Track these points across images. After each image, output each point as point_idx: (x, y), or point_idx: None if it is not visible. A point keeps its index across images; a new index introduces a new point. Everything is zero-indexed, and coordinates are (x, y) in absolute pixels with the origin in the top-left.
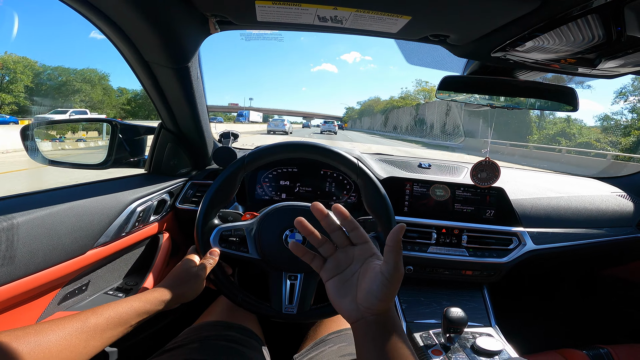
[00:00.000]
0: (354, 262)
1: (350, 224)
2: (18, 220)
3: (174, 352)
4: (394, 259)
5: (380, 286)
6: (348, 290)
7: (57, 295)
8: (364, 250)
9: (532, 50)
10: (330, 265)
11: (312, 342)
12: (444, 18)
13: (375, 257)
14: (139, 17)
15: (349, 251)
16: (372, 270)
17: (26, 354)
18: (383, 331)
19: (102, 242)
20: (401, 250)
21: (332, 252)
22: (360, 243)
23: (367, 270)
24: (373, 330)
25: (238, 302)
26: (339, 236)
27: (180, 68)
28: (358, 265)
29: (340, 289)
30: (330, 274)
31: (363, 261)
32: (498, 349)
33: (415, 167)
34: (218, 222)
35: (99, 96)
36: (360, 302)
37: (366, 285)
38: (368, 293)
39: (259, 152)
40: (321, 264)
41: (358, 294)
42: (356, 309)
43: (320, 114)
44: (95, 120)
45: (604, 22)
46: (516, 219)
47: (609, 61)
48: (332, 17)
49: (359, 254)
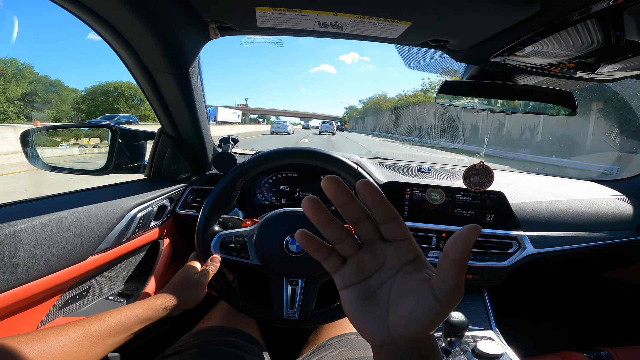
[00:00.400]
0: (386, 266)
1: (386, 211)
2: (20, 227)
3: (173, 357)
4: (455, 277)
5: (431, 313)
6: (374, 305)
7: (58, 301)
8: (401, 251)
9: (531, 55)
10: (351, 269)
11: (313, 347)
12: (444, 24)
13: (419, 263)
14: (139, 22)
15: (378, 250)
16: (417, 288)
17: None
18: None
19: (103, 248)
20: (467, 265)
21: (355, 252)
22: (396, 240)
23: (409, 285)
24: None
25: (240, 308)
26: (366, 228)
27: (181, 74)
28: (392, 271)
29: (363, 303)
30: (350, 281)
31: (399, 267)
32: (499, 352)
33: (415, 171)
34: (218, 228)
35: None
36: (393, 325)
37: (407, 309)
38: (410, 319)
39: (258, 159)
40: (338, 264)
41: (392, 316)
42: (386, 332)
43: (319, 114)
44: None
45: (603, 27)
46: (516, 223)
47: (608, 65)
48: (333, 23)
49: (394, 256)
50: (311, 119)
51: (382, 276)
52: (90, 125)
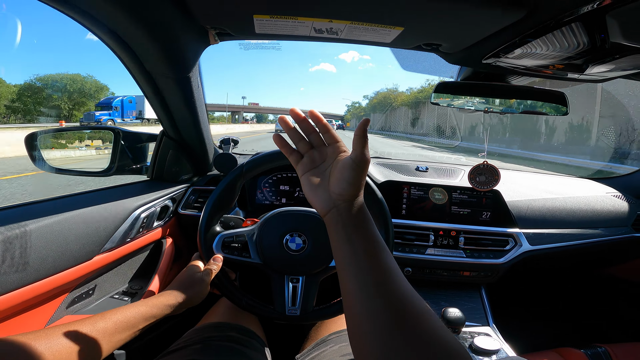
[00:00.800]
0: (327, 158)
1: (324, 127)
2: (30, 227)
3: (176, 353)
4: (361, 145)
5: (350, 171)
6: (321, 182)
7: (65, 299)
8: (335, 149)
9: (522, 57)
10: (306, 160)
11: (314, 343)
12: (435, 28)
13: (345, 153)
14: (141, 30)
15: (323, 150)
16: (342, 161)
17: (38, 357)
18: (354, 216)
19: (108, 248)
20: (367, 138)
21: (308, 150)
22: (332, 143)
23: (338, 162)
24: (344, 217)
25: (243, 306)
26: (314, 137)
27: (181, 78)
28: (330, 161)
29: (314, 182)
30: (306, 168)
31: (335, 157)
32: (496, 348)
33: (413, 170)
34: (220, 228)
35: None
36: (332, 189)
37: (337, 172)
38: (339, 179)
39: (256, 161)
40: (298, 158)
41: (330, 182)
42: (328, 197)
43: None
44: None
45: (587, 30)
46: (512, 220)
47: (596, 66)
48: (328, 29)
49: (332, 152)
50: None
51: (325, 164)
52: (94, 128)
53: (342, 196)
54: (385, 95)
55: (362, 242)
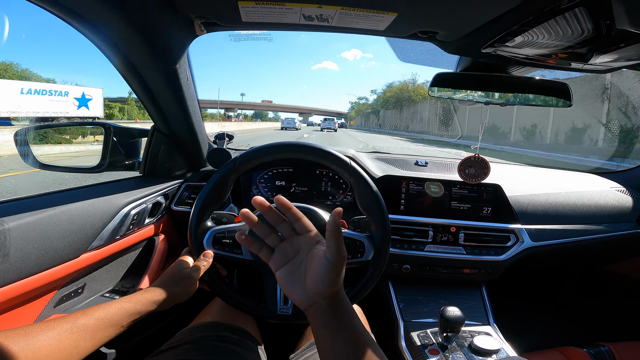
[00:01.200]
0: (301, 251)
1: (294, 215)
2: (9, 225)
3: (168, 353)
4: (335, 243)
5: (325, 271)
6: (297, 278)
7: (52, 298)
8: (309, 239)
9: (522, 46)
10: (278, 255)
11: (308, 343)
12: (431, 14)
13: (320, 244)
14: (122, 21)
15: (295, 241)
16: (317, 257)
17: (15, 355)
18: (335, 314)
19: (96, 246)
20: (341, 233)
21: (279, 243)
22: (304, 232)
23: (313, 257)
24: (325, 315)
25: (233, 304)
26: (284, 228)
27: (169, 71)
28: (305, 253)
29: (290, 278)
30: (279, 263)
31: (309, 249)
32: (496, 348)
33: (412, 164)
34: (211, 224)
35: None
36: (309, 288)
37: (313, 272)
38: (315, 279)
39: (250, 154)
40: (269, 254)
41: (307, 280)
42: (307, 295)
43: (320, 109)
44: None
45: (592, 16)
46: (513, 216)
47: (601, 55)
48: (318, 16)
49: (305, 243)
50: (311, 114)
51: (299, 257)
52: (83, 123)
53: (320, 295)
54: (402, 88)
55: (344, 338)
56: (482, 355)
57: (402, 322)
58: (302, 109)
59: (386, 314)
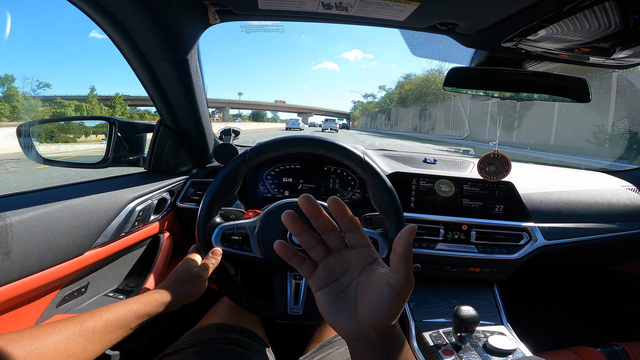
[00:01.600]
0: (351, 269)
1: (350, 223)
2: (11, 220)
3: (174, 356)
4: (404, 269)
5: (389, 301)
6: (344, 303)
7: (55, 297)
8: (363, 255)
9: (544, 40)
10: (322, 272)
11: (318, 344)
12: (454, 4)
13: (377, 264)
14: (134, 6)
15: (344, 256)
16: (376, 282)
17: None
18: (388, 350)
19: (101, 243)
20: (412, 257)
21: (324, 257)
22: (358, 246)
23: (370, 281)
24: (376, 350)
25: (242, 304)
26: (334, 238)
27: (179, 61)
28: (356, 273)
29: (335, 302)
30: (322, 283)
31: (362, 269)
32: (512, 347)
33: (421, 162)
34: (220, 220)
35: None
36: (362, 318)
37: (370, 300)
38: (373, 309)
39: (261, 147)
40: (311, 269)
41: (359, 309)
42: (356, 325)
43: (321, 109)
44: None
45: (621, 9)
46: (526, 213)
47: (624, 50)
48: (337, 4)
49: (357, 260)
50: (311, 114)
51: (348, 277)
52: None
53: (374, 327)
54: (426, 79)
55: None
56: (498, 355)
57: (413, 322)
58: (301, 109)
59: None
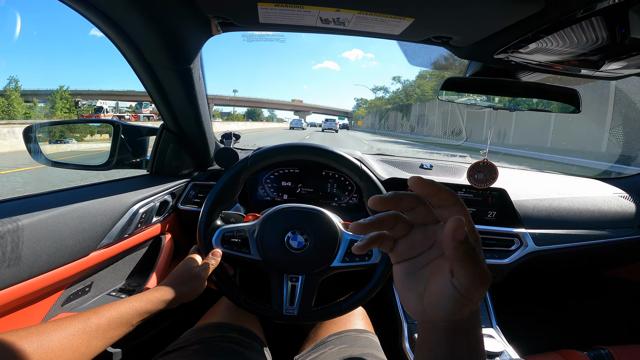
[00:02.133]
0: (434, 246)
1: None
2: (23, 222)
3: (174, 354)
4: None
5: (449, 299)
6: (416, 284)
7: (60, 296)
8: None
9: (535, 52)
10: (402, 247)
11: (313, 344)
12: (447, 20)
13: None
14: (141, 19)
15: (430, 231)
16: (441, 275)
17: (29, 354)
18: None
19: (105, 244)
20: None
21: (406, 233)
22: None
23: (438, 273)
24: (442, 334)
25: (239, 303)
26: (420, 213)
27: (183, 70)
28: (438, 252)
29: (407, 280)
30: (401, 257)
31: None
32: (499, 350)
33: (417, 167)
34: (220, 223)
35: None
36: (427, 306)
37: (433, 292)
38: (434, 301)
39: (262, 154)
40: (391, 245)
41: (426, 297)
42: (422, 311)
43: (320, 106)
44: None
45: (608, 25)
46: (518, 220)
47: (612, 63)
48: (335, 19)
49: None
50: (309, 112)
51: (429, 255)
52: (92, 120)
53: (439, 317)
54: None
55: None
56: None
57: (405, 323)
58: (298, 106)
59: (390, 315)
